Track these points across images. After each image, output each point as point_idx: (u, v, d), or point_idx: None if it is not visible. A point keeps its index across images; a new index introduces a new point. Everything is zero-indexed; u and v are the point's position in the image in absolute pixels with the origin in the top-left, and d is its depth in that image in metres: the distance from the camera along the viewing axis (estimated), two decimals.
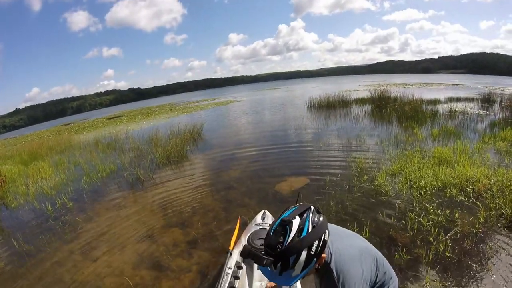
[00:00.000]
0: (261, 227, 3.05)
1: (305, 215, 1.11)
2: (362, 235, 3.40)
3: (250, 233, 2.92)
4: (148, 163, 7.81)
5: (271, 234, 1.09)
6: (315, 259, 1.10)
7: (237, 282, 2.40)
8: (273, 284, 1.90)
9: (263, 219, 3.24)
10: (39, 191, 7.05)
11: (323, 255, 1.17)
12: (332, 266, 1.22)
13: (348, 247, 1.30)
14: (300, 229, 1.07)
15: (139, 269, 3.50)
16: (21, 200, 6.58)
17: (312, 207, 1.15)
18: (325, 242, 1.12)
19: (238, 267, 2.56)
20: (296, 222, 1.08)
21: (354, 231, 1.41)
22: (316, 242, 1.08)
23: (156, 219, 4.78)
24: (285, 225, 1.08)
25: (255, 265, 2.47)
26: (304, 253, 1.06)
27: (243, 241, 2.86)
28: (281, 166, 6.74)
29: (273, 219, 3.11)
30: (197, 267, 3.41)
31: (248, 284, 2.47)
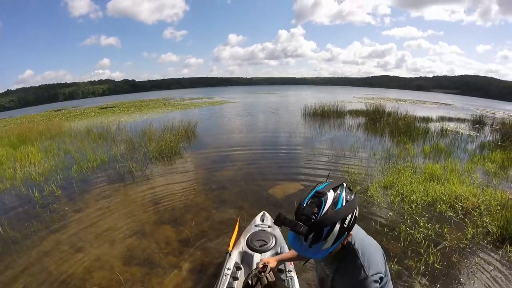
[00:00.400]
0: (260, 228, 3.03)
1: (338, 189, 1.11)
2: None
3: (249, 234, 2.91)
4: (141, 156, 7.72)
5: (304, 205, 1.09)
6: (346, 233, 1.10)
7: (235, 283, 2.37)
8: (269, 260, 1.87)
9: (262, 220, 3.22)
10: (27, 176, 6.86)
11: (351, 233, 1.18)
12: (357, 247, 1.23)
13: (366, 235, 1.33)
14: (335, 202, 1.07)
15: (130, 265, 3.44)
16: (8, 184, 6.41)
17: (345, 184, 1.15)
18: (356, 218, 1.12)
19: (237, 268, 2.54)
20: (331, 195, 1.08)
21: None
22: (350, 216, 1.09)
23: (147, 214, 4.73)
24: (320, 197, 1.08)
25: (254, 266, 2.43)
26: (337, 226, 1.06)
27: (242, 242, 2.84)
28: (275, 170, 6.76)
29: (272, 220, 3.14)
30: (189, 266, 3.37)
31: None
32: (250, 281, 1.82)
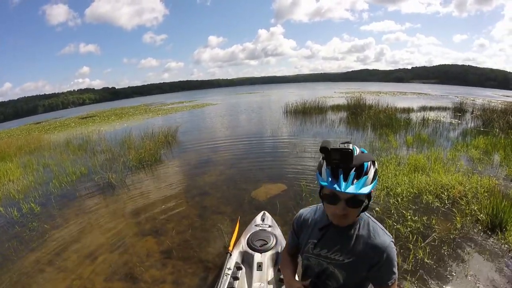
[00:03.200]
0: (260, 228, 3.03)
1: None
2: None
3: (249, 234, 2.91)
4: (120, 166, 7.47)
5: (338, 147, 1.08)
6: (376, 180, 1.13)
7: (236, 283, 2.38)
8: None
9: (262, 220, 3.21)
10: (5, 194, 6.57)
11: None
12: (368, 215, 1.28)
13: None
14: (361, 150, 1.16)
15: (112, 281, 3.28)
16: None
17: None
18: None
19: (238, 268, 2.55)
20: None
21: None
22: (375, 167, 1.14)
23: (128, 226, 4.54)
24: (347, 143, 1.12)
25: (255, 266, 2.48)
26: (372, 165, 1.12)
27: (243, 242, 2.84)
28: (257, 172, 6.63)
29: (273, 220, 3.22)
30: (171, 278, 3.24)
31: (247, 285, 2.43)
32: None
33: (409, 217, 3.98)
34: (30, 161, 9.49)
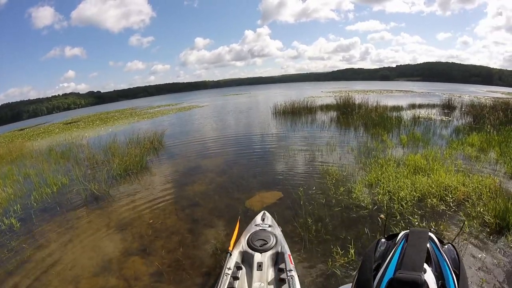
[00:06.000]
0: (260, 227, 3.06)
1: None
2: (347, 258, 3.14)
3: (250, 234, 2.94)
4: (104, 175, 7.00)
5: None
6: None
7: (236, 283, 2.39)
8: None
9: (263, 220, 3.26)
10: None
11: None
12: None
13: None
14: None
15: None
16: None
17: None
18: None
19: (238, 267, 2.57)
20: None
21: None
22: None
23: (114, 245, 4.16)
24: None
25: (255, 266, 2.52)
26: None
27: (243, 241, 2.86)
28: (250, 179, 6.28)
29: (273, 220, 3.30)
30: None
31: (248, 284, 2.45)
32: None
33: (417, 223, 3.78)
34: (11, 170, 8.99)
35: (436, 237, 0.73)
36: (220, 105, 30.44)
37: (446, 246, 0.74)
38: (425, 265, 0.65)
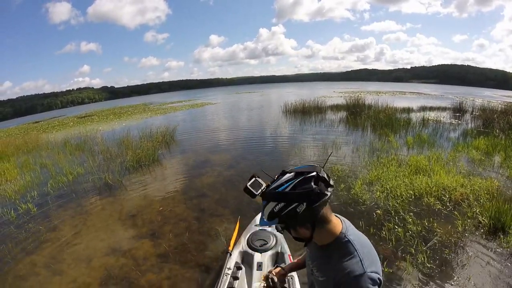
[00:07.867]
0: (260, 227, 3.03)
1: (298, 177, 1.07)
2: None
3: (249, 234, 2.93)
4: (118, 167, 7.39)
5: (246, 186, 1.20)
6: (277, 218, 1.09)
7: (236, 283, 2.39)
8: (276, 270, 1.81)
9: None
10: (2, 194, 6.50)
11: (331, 228, 1.12)
12: (352, 238, 1.11)
13: (362, 234, 1.20)
14: (280, 185, 1.09)
15: (107, 285, 3.22)
16: None
17: (315, 173, 1.08)
18: (296, 212, 1.05)
19: (238, 267, 2.56)
20: (285, 177, 1.11)
21: None
22: (282, 204, 1.06)
23: (124, 228, 4.47)
24: (279, 174, 1.16)
25: (255, 266, 2.50)
26: (270, 204, 1.10)
27: (243, 241, 2.86)
28: (256, 173, 6.46)
29: None
30: (168, 283, 3.18)
31: (247, 284, 2.44)
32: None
33: (411, 220, 3.93)
34: (28, 160, 9.42)
35: (323, 178, 1.11)
36: (232, 103, 30.73)
37: (317, 187, 1.09)
38: (293, 173, 1.12)
